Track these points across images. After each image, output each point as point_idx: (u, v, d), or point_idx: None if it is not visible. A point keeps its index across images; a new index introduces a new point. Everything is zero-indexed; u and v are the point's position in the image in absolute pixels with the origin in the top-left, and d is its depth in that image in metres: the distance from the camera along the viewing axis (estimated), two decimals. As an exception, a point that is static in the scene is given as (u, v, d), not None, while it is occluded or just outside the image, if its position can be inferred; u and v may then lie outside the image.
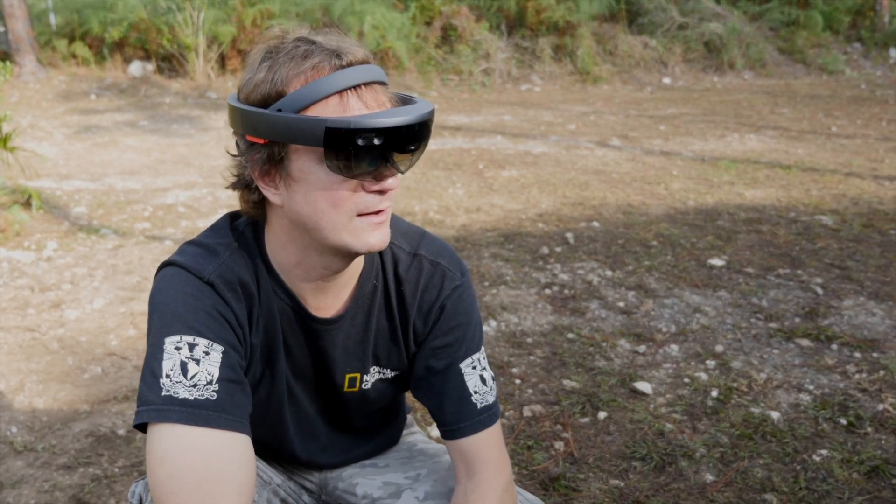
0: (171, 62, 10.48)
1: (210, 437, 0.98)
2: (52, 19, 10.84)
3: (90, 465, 2.16)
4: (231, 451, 0.99)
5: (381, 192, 1.03)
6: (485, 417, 1.22)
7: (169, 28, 10.12)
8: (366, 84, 1.01)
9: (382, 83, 1.04)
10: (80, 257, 3.92)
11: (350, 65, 1.00)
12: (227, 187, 1.12)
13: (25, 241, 4.14)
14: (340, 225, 1.03)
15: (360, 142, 0.96)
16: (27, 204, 4.63)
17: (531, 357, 2.82)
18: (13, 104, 8.62)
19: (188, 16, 9.95)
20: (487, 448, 1.21)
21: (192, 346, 1.03)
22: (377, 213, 1.04)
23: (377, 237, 1.05)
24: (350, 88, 0.99)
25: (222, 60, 10.46)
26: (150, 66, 10.42)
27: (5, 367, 2.74)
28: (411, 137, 1.00)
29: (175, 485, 0.95)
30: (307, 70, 0.99)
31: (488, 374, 1.25)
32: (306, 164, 1.01)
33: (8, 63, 5.29)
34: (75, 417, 2.42)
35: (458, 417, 1.21)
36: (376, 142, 0.96)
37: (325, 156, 0.98)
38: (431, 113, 1.02)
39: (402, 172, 1.04)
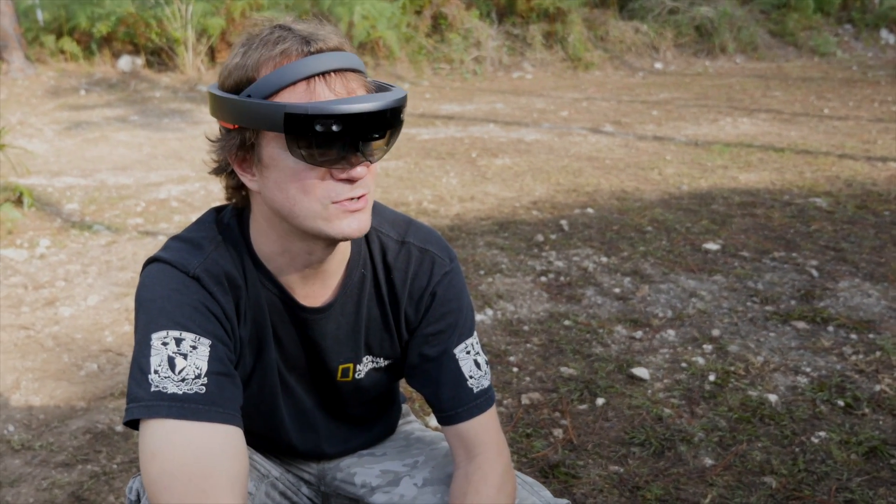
0: (160, 56, 10.41)
1: (200, 430, 0.98)
2: (40, 15, 10.74)
3: (88, 463, 2.15)
4: (222, 443, 0.98)
5: (350, 181, 1.02)
6: (481, 401, 1.22)
7: (157, 22, 10.04)
8: (336, 71, 1.00)
9: (356, 70, 1.03)
10: (74, 254, 3.90)
11: (319, 51, 1.00)
12: (209, 172, 1.13)
13: (18, 239, 4.11)
14: (314, 212, 1.02)
15: (318, 128, 0.95)
16: (19, 201, 4.60)
17: (528, 345, 2.82)
18: (1, 101, 8.56)
19: (176, 9, 9.87)
20: (486, 431, 1.22)
21: (178, 341, 1.02)
22: (353, 199, 1.03)
23: (353, 224, 1.04)
24: (318, 75, 0.99)
25: (212, 53, 10.39)
26: (140, 61, 10.35)
27: (1, 365, 2.73)
28: (373, 125, 0.98)
29: (167, 480, 0.94)
30: (276, 56, 0.99)
31: (482, 359, 1.26)
32: (275, 151, 1.01)
33: (-5, 60, 5.25)
34: (72, 415, 2.41)
35: (454, 403, 1.21)
36: (335, 128, 0.95)
37: (286, 142, 0.98)
38: (399, 101, 1.00)
39: (371, 162, 1.02)
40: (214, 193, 5.04)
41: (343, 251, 1.17)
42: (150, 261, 1.12)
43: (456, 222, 4.31)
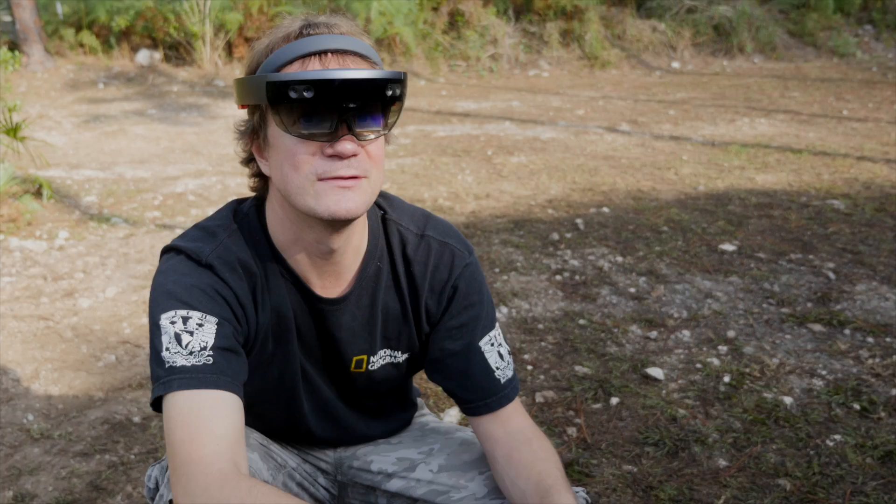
0: (178, 50, 10.47)
1: (202, 397, 1.02)
2: (59, 8, 10.83)
3: (106, 452, 2.18)
4: (212, 406, 1.02)
5: (340, 158, 1.02)
6: (509, 391, 1.25)
7: (175, 16, 10.10)
8: (335, 51, 1.03)
9: (359, 55, 1.05)
10: (92, 246, 3.93)
11: (320, 34, 1.04)
12: (240, 162, 1.17)
13: (37, 231, 4.16)
14: (303, 188, 1.04)
15: (292, 94, 0.98)
16: (38, 193, 4.65)
17: (543, 343, 2.83)
18: (21, 94, 8.64)
19: (194, 3, 9.93)
20: (518, 417, 1.24)
21: (185, 319, 1.06)
22: (342, 178, 1.03)
23: (341, 203, 1.03)
24: (315, 54, 1.03)
25: (229, 48, 10.44)
26: (158, 55, 10.41)
27: (20, 355, 2.77)
28: (347, 94, 0.99)
29: (170, 448, 1.00)
30: (281, 38, 1.05)
31: (505, 350, 1.28)
32: (275, 129, 1.05)
33: (16, 53, 5.30)
34: (90, 405, 2.44)
35: (484, 394, 1.23)
36: (306, 94, 0.97)
37: (270, 113, 1.03)
38: (379, 75, 1.00)
39: (363, 141, 1.03)
40: (231, 188, 5.07)
41: (357, 244, 1.18)
42: (167, 249, 1.16)
43: (471, 220, 4.32)
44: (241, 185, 5.07)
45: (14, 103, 4.82)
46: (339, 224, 1.08)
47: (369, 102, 1.01)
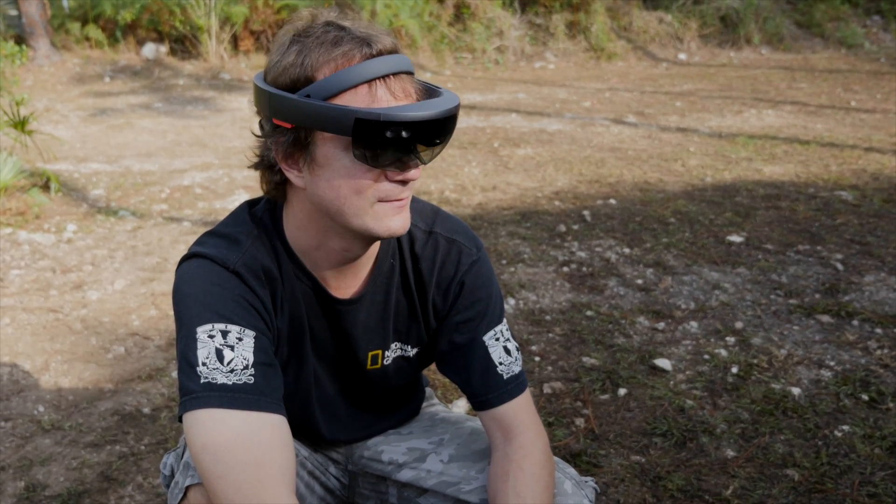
0: (183, 44, 10.46)
1: (250, 419, 1.00)
2: (65, 2, 10.83)
3: (117, 443, 2.19)
4: (271, 433, 1.01)
5: (404, 182, 1.04)
6: (512, 387, 1.24)
7: (181, 9, 10.09)
8: (394, 74, 1.01)
9: (410, 73, 1.05)
10: (100, 239, 3.95)
11: (380, 54, 1.01)
12: (249, 167, 1.13)
13: (45, 224, 4.17)
14: (362, 210, 1.04)
15: (388, 134, 0.97)
16: (46, 187, 4.66)
17: (550, 335, 2.83)
18: (28, 88, 8.65)
19: (200, -3, 9.91)
20: (521, 413, 1.24)
21: (224, 333, 1.04)
22: (399, 199, 1.06)
23: (398, 222, 1.07)
24: (379, 78, 1.00)
25: (235, 41, 10.43)
26: (163, 48, 10.41)
27: (30, 347, 2.78)
28: (438, 131, 1.00)
29: (221, 469, 0.96)
30: (337, 57, 0.99)
31: (512, 345, 1.28)
32: (332, 151, 1.02)
33: (23, 47, 5.31)
34: (100, 396, 2.45)
35: (485, 389, 1.24)
36: (404, 134, 0.97)
37: (352, 145, 0.99)
38: (458, 107, 1.02)
39: (425, 163, 1.04)
40: (238, 181, 5.08)
41: (375, 244, 1.19)
42: (189, 256, 1.14)
43: (478, 212, 4.32)
44: (247, 178, 5.08)
45: (21, 97, 4.83)
46: (383, 238, 1.10)
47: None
